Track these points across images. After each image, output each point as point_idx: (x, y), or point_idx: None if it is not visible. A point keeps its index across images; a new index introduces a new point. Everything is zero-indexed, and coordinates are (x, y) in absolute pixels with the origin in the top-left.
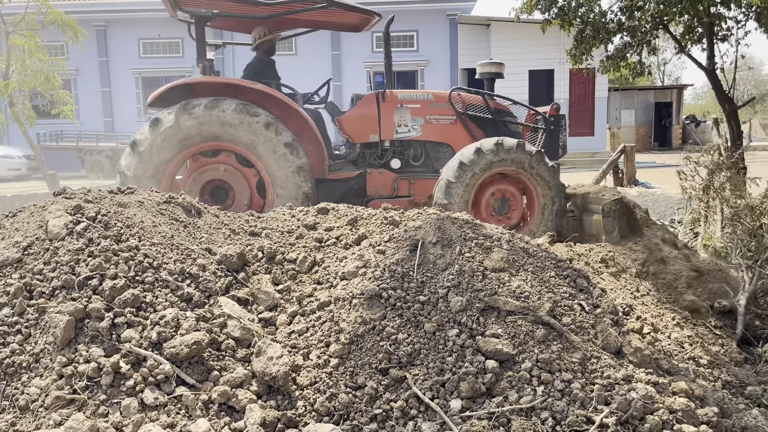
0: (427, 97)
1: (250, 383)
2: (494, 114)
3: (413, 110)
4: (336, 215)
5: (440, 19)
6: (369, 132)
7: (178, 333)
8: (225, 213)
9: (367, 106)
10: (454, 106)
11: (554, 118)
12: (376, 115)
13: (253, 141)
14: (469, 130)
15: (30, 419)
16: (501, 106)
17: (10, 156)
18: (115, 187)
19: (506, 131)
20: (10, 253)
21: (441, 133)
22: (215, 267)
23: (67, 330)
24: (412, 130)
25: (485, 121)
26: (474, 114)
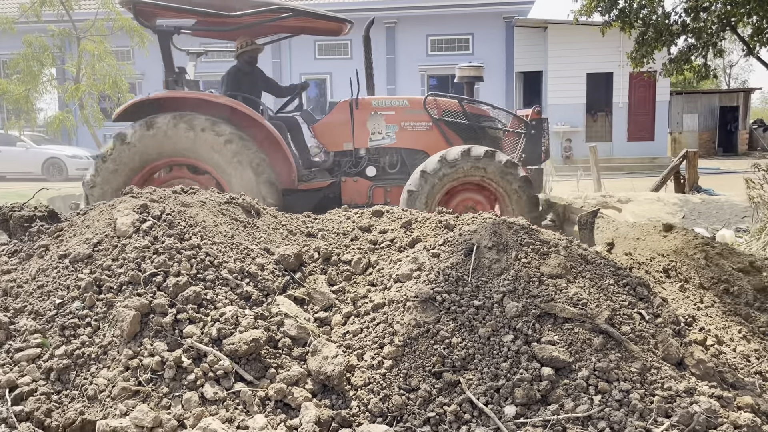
0: (402, 104)
1: (306, 382)
2: (471, 119)
3: (388, 117)
4: (390, 218)
5: (496, 22)
6: (342, 140)
7: (237, 330)
8: (282, 214)
9: (340, 113)
10: (430, 112)
11: (536, 121)
12: (349, 123)
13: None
14: (445, 136)
15: (98, 408)
16: (479, 110)
17: (78, 156)
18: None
19: (484, 136)
20: (82, 249)
21: (416, 139)
22: (273, 266)
23: (134, 324)
24: (386, 138)
25: (462, 126)
26: (450, 119)
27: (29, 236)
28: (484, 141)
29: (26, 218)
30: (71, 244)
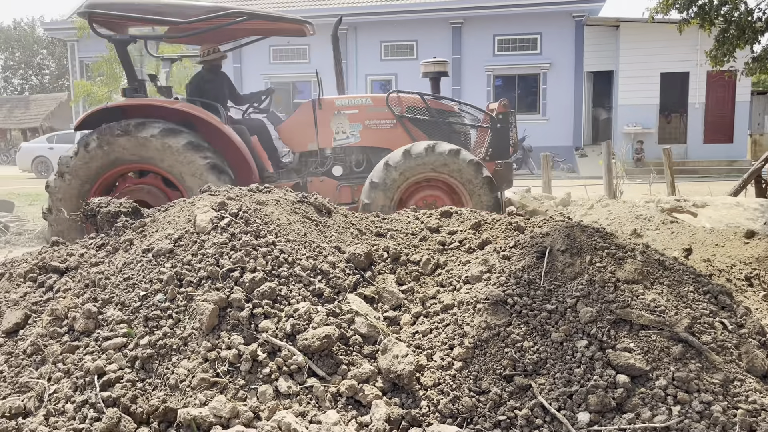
0: (366, 102)
1: (376, 379)
2: (435, 115)
3: (351, 116)
4: (459, 219)
5: (566, 21)
6: (307, 140)
7: (310, 326)
8: (353, 213)
9: (303, 114)
10: (392, 110)
11: (502, 115)
12: (312, 123)
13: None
14: (409, 133)
15: (179, 397)
16: (444, 106)
17: None
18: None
19: (449, 132)
20: (164, 244)
21: (381, 137)
22: (344, 265)
23: (212, 317)
24: (350, 137)
25: (425, 122)
26: (413, 116)
27: (115, 231)
28: (449, 136)
29: (112, 214)
30: (154, 239)
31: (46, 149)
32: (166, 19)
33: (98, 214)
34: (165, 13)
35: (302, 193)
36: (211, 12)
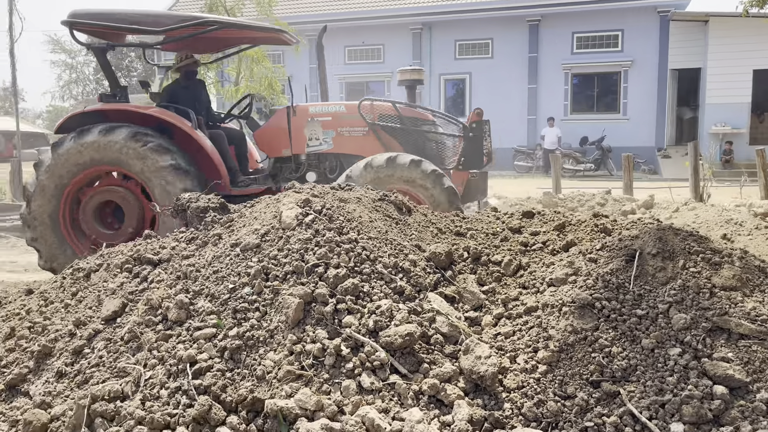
0: (339, 109)
1: (458, 379)
2: (407, 123)
3: (325, 123)
4: (542, 220)
5: (649, 17)
6: (281, 146)
7: (392, 323)
8: (432, 212)
9: (278, 120)
10: (365, 117)
11: (476, 124)
12: (286, 130)
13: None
14: (381, 141)
15: (265, 388)
16: (418, 114)
17: None
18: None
19: (422, 140)
20: (251, 239)
21: (354, 145)
22: (425, 263)
23: (297, 311)
24: (323, 144)
25: (398, 130)
26: (385, 124)
27: (204, 225)
28: (423, 145)
29: (201, 209)
30: (241, 234)
31: None
32: (142, 28)
33: (188, 209)
34: (141, 22)
35: (383, 192)
36: (184, 21)
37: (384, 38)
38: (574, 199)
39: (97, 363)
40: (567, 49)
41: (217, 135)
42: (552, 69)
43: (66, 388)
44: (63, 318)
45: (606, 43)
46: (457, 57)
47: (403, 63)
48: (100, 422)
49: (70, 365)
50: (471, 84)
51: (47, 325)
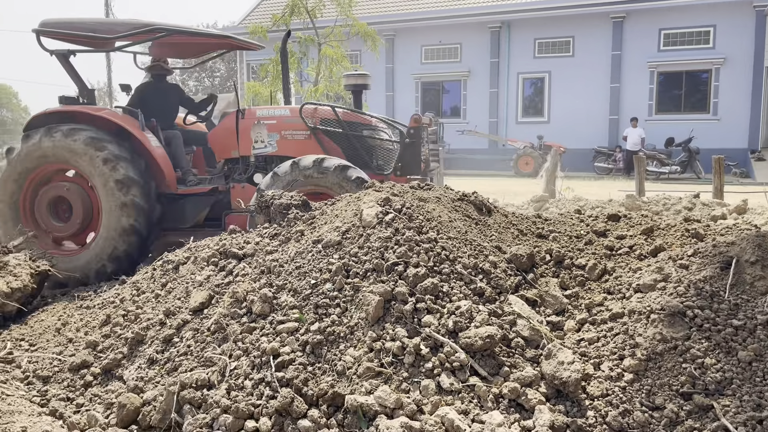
0: (283, 113)
1: (539, 384)
2: (347, 127)
3: (270, 126)
4: (629, 223)
5: (744, 12)
6: (230, 148)
7: (472, 325)
8: (513, 213)
9: (228, 123)
10: (306, 121)
11: (414, 130)
12: (234, 132)
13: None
14: (322, 145)
15: (345, 383)
16: (359, 118)
17: None
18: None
19: (360, 145)
20: (333, 236)
21: (296, 148)
22: (505, 265)
23: (377, 309)
24: (268, 146)
25: (338, 135)
26: (325, 128)
27: (287, 222)
28: (362, 149)
29: (284, 206)
30: (323, 231)
31: None
32: (99, 36)
33: (271, 205)
34: (98, 30)
35: (462, 191)
36: (136, 29)
37: (461, 37)
38: (659, 202)
39: (185, 352)
40: (653, 47)
41: (173, 136)
42: (636, 67)
43: (157, 375)
44: (154, 307)
45: (696, 40)
46: (537, 55)
47: (481, 62)
48: (188, 409)
49: (161, 353)
50: (550, 83)
51: (139, 313)
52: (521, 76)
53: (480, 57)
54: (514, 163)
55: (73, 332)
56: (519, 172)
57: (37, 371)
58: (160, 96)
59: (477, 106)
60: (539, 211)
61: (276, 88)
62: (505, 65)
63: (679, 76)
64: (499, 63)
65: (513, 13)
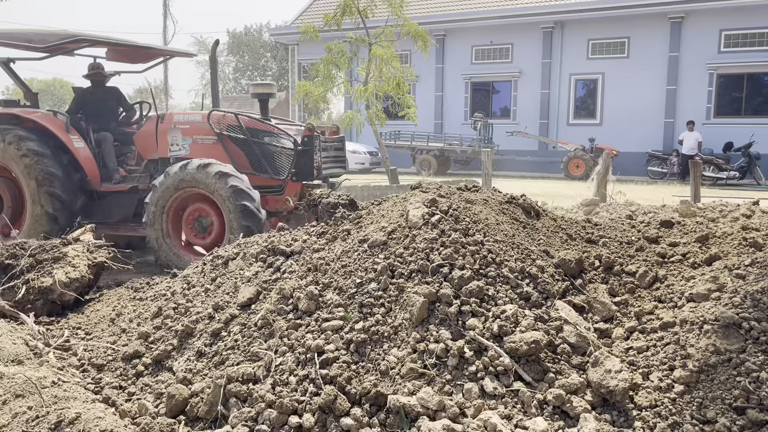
0: (196, 119)
1: (585, 392)
2: (248, 134)
3: (184, 131)
4: (682, 230)
5: None
6: (151, 150)
7: (518, 329)
8: (562, 217)
9: (149, 126)
10: (212, 127)
11: (307, 138)
12: (154, 135)
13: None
14: (226, 150)
15: (388, 383)
16: (262, 126)
17: (358, 152)
18: None
19: (260, 151)
20: (378, 236)
21: (206, 152)
22: (553, 270)
23: (422, 310)
24: (182, 149)
25: (240, 141)
26: (229, 134)
27: (334, 221)
28: (262, 155)
29: (332, 205)
30: (369, 230)
31: None
32: (32, 45)
33: (319, 204)
34: (32, 40)
35: (510, 194)
36: (63, 39)
37: (513, 37)
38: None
39: (232, 346)
40: (713, 48)
41: (103, 138)
42: (695, 69)
43: (205, 367)
44: (203, 301)
45: (759, 41)
46: (590, 56)
47: (533, 62)
48: (234, 402)
49: (209, 346)
50: (603, 84)
51: (189, 307)
52: (574, 77)
53: (531, 57)
54: (564, 166)
55: (127, 323)
56: (569, 174)
57: (92, 359)
58: (97, 100)
59: (527, 107)
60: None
61: (328, 88)
62: (557, 66)
63: (741, 79)
64: (551, 64)
65: (567, 13)
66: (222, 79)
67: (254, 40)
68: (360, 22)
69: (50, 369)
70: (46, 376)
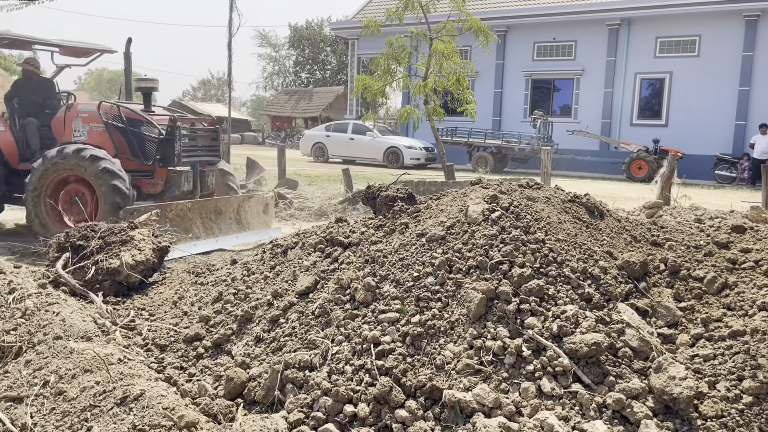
0: (92, 108)
1: (646, 398)
2: (127, 123)
3: (83, 119)
4: (756, 236)
5: None
6: (61, 135)
7: (578, 330)
8: (626, 219)
9: (60, 114)
10: (101, 116)
11: (169, 128)
12: (63, 121)
13: None
14: (112, 138)
15: (444, 378)
16: (138, 116)
17: (414, 147)
18: None
19: (135, 139)
20: (437, 231)
21: (98, 139)
22: (616, 272)
23: (479, 306)
24: (81, 135)
25: (121, 129)
26: (113, 123)
27: (392, 214)
28: (138, 143)
29: (390, 198)
30: (427, 224)
31: (324, 136)
32: None
33: (378, 197)
34: None
35: (574, 193)
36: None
37: (577, 34)
38: None
39: (290, 333)
40: None
41: (28, 122)
42: None
43: (263, 353)
44: (262, 288)
45: None
46: (657, 55)
47: (597, 60)
48: (290, 388)
49: (267, 332)
50: (671, 84)
51: (249, 293)
52: (639, 76)
53: (596, 55)
54: (626, 167)
55: (188, 306)
56: (630, 176)
57: (156, 339)
58: (28, 90)
59: (589, 106)
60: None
61: (387, 82)
62: (623, 64)
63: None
64: (616, 62)
65: (634, 10)
66: (282, 72)
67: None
68: (422, 17)
69: (117, 347)
70: (113, 353)
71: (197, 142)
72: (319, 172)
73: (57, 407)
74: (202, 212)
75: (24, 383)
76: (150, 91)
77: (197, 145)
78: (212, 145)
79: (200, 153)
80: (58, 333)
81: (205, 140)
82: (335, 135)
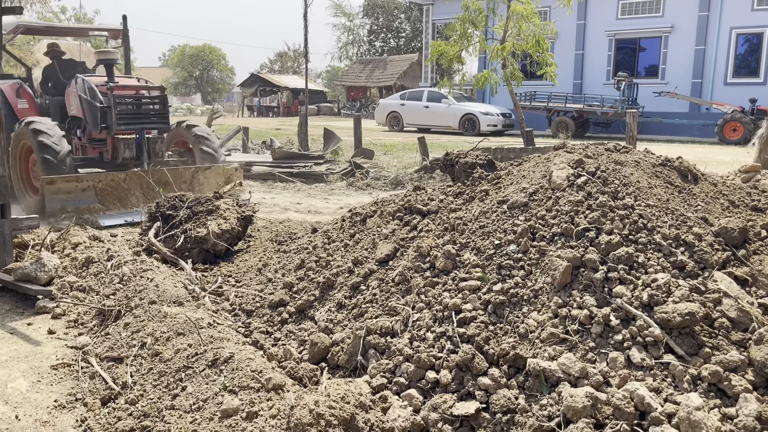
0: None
1: (746, 371)
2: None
3: (72, 94)
4: None
5: None
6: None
7: (670, 299)
8: (723, 183)
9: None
10: (77, 91)
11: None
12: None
13: None
14: (83, 109)
15: (527, 347)
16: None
17: (490, 113)
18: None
19: (90, 109)
20: (519, 197)
21: (78, 112)
22: (712, 239)
23: (565, 275)
24: (74, 109)
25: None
26: (83, 96)
27: (471, 181)
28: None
29: (469, 165)
30: (509, 191)
31: (399, 105)
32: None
33: (456, 164)
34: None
35: (665, 156)
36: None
37: None
38: None
39: (371, 299)
40: None
41: (52, 101)
42: None
43: (344, 318)
44: (343, 256)
45: None
46: (755, 7)
47: (687, 15)
48: (372, 353)
49: (349, 298)
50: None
51: (330, 261)
52: (735, 31)
53: (686, 10)
54: (719, 129)
55: (272, 273)
56: (724, 139)
57: (242, 305)
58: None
59: (678, 66)
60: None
61: (464, 46)
62: (716, 19)
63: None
64: (709, 17)
65: None
66: (356, 41)
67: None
68: None
69: (206, 311)
70: (203, 317)
71: (141, 110)
72: (395, 141)
73: (154, 367)
74: (143, 183)
75: (123, 345)
76: (111, 63)
77: (140, 113)
78: (159, 112)
79: (143, 121)
80: (152, 298)
81: (149, 107)
82: (410, 103)
